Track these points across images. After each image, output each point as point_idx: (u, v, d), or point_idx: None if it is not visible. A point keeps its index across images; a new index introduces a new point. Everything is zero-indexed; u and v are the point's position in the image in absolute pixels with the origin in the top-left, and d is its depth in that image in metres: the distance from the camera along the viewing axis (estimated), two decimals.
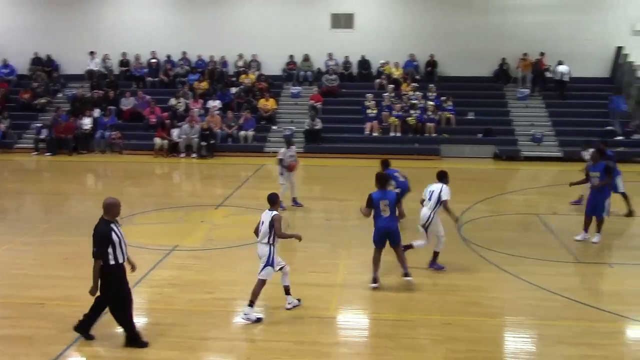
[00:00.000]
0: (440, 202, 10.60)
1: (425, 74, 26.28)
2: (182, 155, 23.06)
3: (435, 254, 11.00)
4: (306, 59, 26.89)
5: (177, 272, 10.89)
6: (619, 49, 25.31)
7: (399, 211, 10.21)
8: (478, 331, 8.70)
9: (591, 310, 9.43)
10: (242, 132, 23.85)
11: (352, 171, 20.49)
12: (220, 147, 23.42)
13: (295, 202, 15.53)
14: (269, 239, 9.00)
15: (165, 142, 23.22)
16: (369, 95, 24.49)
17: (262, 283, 9.08)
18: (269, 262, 9.02)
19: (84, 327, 8.18)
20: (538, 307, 9.55)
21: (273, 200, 9.28)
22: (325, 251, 12.17)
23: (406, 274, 10.19)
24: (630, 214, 14.57)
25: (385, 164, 13.70)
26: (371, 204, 10.07)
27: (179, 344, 8.20)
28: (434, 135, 23.49)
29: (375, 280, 10.18)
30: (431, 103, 24.15)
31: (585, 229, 12.73)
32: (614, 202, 14.29)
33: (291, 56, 26.89)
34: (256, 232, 9.26)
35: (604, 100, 24.15)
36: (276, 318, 9.08)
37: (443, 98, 24.37)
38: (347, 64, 26.79)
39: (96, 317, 8.18)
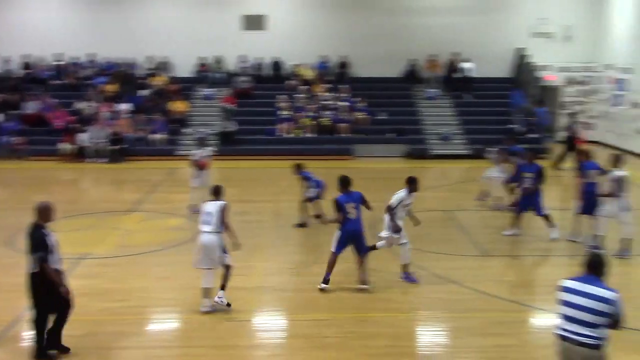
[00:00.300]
0: (397, 206, 10.31)
1: (337, 74, 26.56)
2: (91, 160, 22.36)
3: (405, 266, 10.60)
4: (218, 60, 26.62)
5: (88, 281, 10.54)
6: (520, 50, 26.41)
7: (366, 207, 10.14)
8: (393, 327, 8.87)
9: (499, 301, 9.79)
10: (153, 136, 23.38)
11: (266, 173, 20.47)
12: (131, 151, 22.87)
13: None
14: (218, 227, 9.13)
15: (72, 147, 22.45)
16: (283, 97, 24.54)
17: (229, 268, 9.28)
18: (225, 250, 9.21)
19: (54, 343, 7.81)
20: (450, 301, 9.84)
21: (218, 191, 9.53)
22: (241, 254, 12.01)
23: (363, 282, 10.09)
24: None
25: (298, 167, 13.83)
26: (339, 207, 9.86)
27: (90, 355, 7.96)
28: (347, 135, 23.76)
29: (327, 282, 10.09)
30: (344, 104, 24.44)
31: (516, 225, 13.05)
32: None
33: (203, 58, 26.57)
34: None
35: (508, 100, 25.18)
36: (191, 323, 8.95)
37: (357, 99, 24.70)
38: (259, 65, 26.72)
39: (61, 325, 7.84)
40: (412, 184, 10.41)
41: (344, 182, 10.08)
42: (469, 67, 25.98)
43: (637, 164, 21.92)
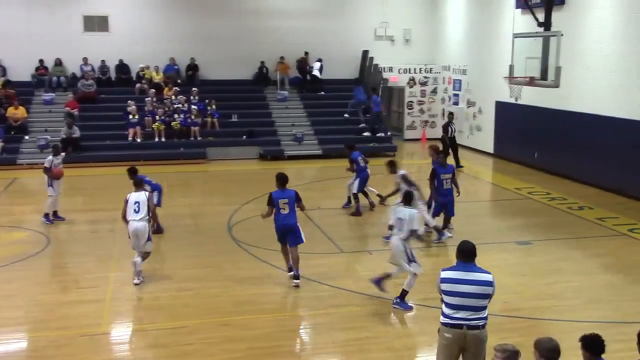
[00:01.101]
0: (412, 232, 9.59)
1: (186, 77, 26.14)
2: None
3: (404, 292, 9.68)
4: (58, 63, 25.28)
5: None
6: (365, 52, 27.43)
7: (299, 206, 10.57)
8: (254, 328, 8.90)
9: (356, 295, 10.12)
10: None
11: (117, 180, 19.52)
12: None
13: (56, 215, 14.60)
14: (145, 215, 10.48)
15: None
16: (131, 101, 23.72)
17: (148, 255, 10.74)
18: (150, 237, 10.65)
19: None
20: (308, 299, 10.03)
21: (139, 183, 10.98)
22: (92, 265, 11.60)
23: (296, 277, 10.44)
24: (373, 205, 15.67)
25: (132, 171, 13.56)
26: (271, 202, 10.35)
27: None
28: (199, 138, 23.47)
29: (290, 269, 10.59)
30: (194, 107, 24.09)
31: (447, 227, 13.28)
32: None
33: (41, 60, 25.09)
34: (124, 215, 10.53)
35: (349, 100, 26.01)
36: (42, 341, 8.46)
37: (208, 102, 24.44)
38: (104, 68, 25.67)
39: None
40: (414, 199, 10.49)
41: (281, 180, 10.57)
42: (317, 67, 26.56)
43: (474, 158, 23.55)
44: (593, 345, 5.26)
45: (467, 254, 6.26)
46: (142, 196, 10.55)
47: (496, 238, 13.34)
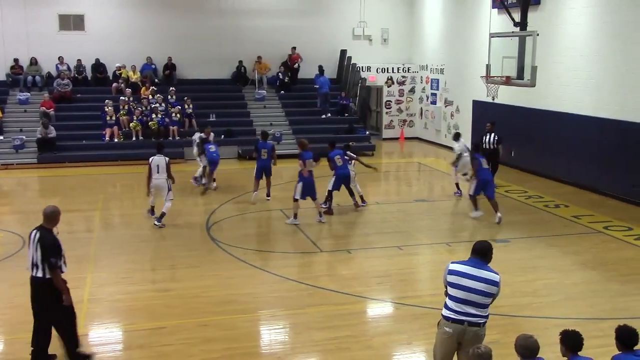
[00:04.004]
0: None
1: (163, 77, 25.97)
2: None
3: None
4: (34, 62, 24.96)
5: None
6: (343, 51, 27.45)
7: (274, 156, 15.83)
8: (233, 328, 8.88)
9: (335, 294, 10.13)
10: None
11: (94, 180, 19.50)
12: None
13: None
14: (167, 174, 13.81)
15: None
16: (109, 101, 23.46)
17: (170, 202, 13.93)
18: (170, 188, 13.92)
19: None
20: (287, 298, 10.02)
21: (161, 146, 14.27)
22: (70, 266, 11.31)
23: (268, 195, 16.15)
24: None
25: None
26: (257, 149, 15.95)
27: None
28: (177, 138, 23.32)
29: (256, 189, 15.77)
30: (172, 106, 23.90)
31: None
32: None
33: (16, 60, 24.76)
34: (149, 176, 13.72)
35: (334, 100, 26.05)
36: (18, 344, 8.36)
37: (185, 99, 24.24)
38: (80, 67, 25.39)
39: (48, 340, 7.58)
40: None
41: (264, 135, 16.50)
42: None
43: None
44: (570, 340, 5.35)
45: (481, 253, 6.32)
46: (162, 160, 13.68)
47: (474, 236, 13.42)
